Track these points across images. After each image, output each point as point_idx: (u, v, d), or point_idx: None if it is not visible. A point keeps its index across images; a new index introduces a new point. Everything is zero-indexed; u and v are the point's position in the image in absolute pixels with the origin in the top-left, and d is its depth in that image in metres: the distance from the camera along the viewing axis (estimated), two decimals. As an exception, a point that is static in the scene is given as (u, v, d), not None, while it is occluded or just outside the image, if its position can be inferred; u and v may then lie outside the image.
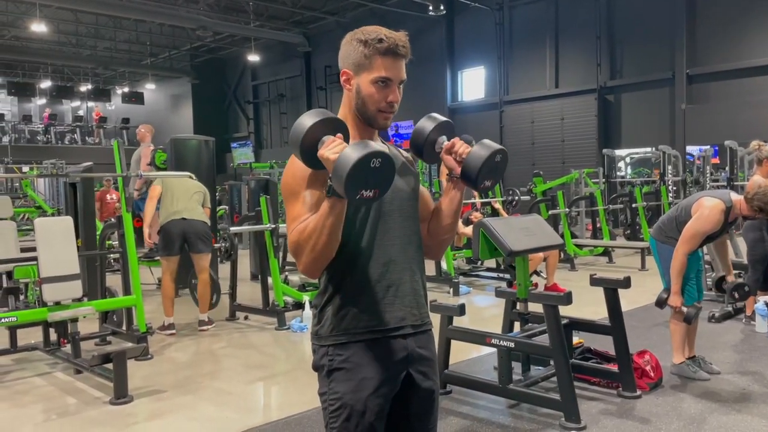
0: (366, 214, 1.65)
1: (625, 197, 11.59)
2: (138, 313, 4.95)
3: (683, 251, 3.89)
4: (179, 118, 27.83)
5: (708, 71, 15.08)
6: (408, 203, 1.74)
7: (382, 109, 1.66)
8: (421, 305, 1.75)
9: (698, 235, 3.87)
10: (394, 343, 1.66)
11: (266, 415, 3.73)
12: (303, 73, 24.50)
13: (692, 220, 3.90)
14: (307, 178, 1.61)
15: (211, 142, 8.15)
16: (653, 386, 3.88)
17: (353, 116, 1.70)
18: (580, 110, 17.13)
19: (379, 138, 1.80)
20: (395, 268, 1.67)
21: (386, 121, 1.69)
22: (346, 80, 1.69)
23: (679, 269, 3.90)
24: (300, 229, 1.57)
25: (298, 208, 1.61)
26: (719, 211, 3.84)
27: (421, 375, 1.72)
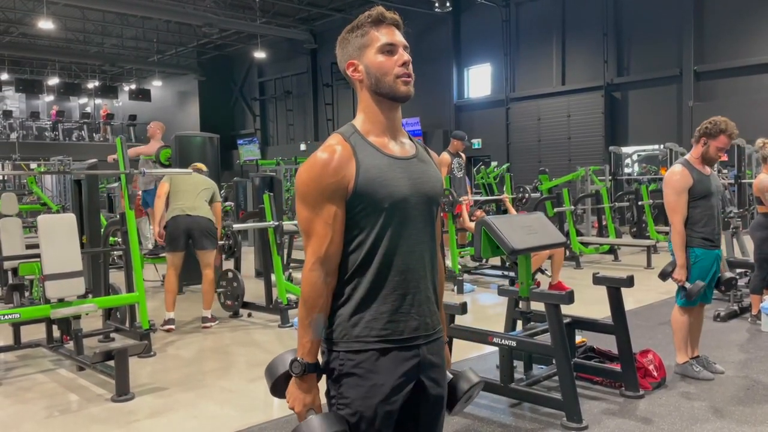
0: (389, 219, 1.59)
1: (631, 195, 11.52)
2: (141, 310, 4.96)
3: (675, 221, 3.95)
4: (186, 115, 27.91)
5: (716, 68, 14.98)
6: (429, 208, 1.69)
7: (398, 75, 1.63)
8: (434, 312, 1.71)
9: (675, 198, 3.94)
10: (406, 353, 1.63)
11: (267, 414, 3.73)
12: (309, 70, 24.51)
13: (665, 193, 4.04)
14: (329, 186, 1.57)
15: (216, 139, 8.16)
16: (656, 386, 3.85)
17: (374, 103, 1.65)
18: (586, 107, 17.06)
19: (405, 132, 1.74)
20: (413, 276, 1.63)
21: (408, 86, 1.64)
22: (354, 70, 1.66)
23: (679, 242, 3.93)
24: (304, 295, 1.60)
25: (317, 224, 1.59)
26: (676, 171, 3.98)
27: (432, 382, 1.69)
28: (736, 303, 5.80)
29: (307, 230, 1.61)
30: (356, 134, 1.64)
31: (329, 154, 1.58)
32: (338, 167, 1.57)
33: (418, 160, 1.70)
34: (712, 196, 4.01)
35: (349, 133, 1.65)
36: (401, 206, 1.61)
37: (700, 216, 3.97)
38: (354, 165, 1.58)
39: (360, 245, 1.60)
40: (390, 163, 1.62)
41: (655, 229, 10.84)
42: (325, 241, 1.58)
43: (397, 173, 1.62)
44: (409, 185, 1.63)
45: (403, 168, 1.65)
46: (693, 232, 3.97)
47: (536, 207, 9.56)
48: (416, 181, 1.65)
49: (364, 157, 1.60)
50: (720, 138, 3.93)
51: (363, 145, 1.62)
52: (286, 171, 16.77)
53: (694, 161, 4.04)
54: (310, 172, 1.59)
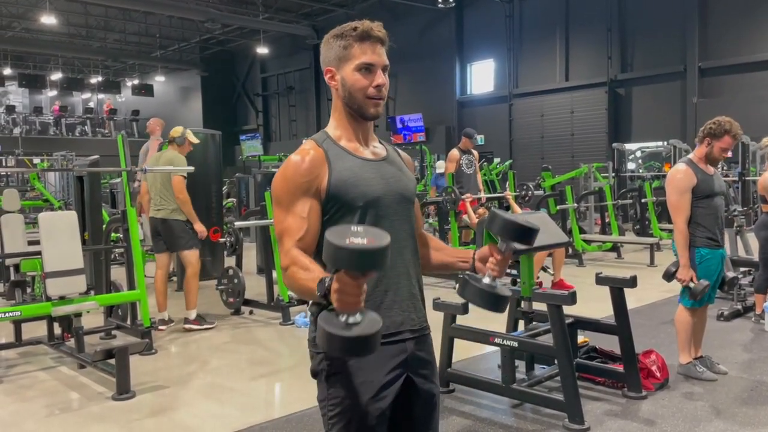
0: (363, 218, 1.63)
1: (634, 192, 11.48)
2: (142, 307, 4.95)
3: (678, 221, 3.92)
4: (188, 111, 27.89)
5: (720, 65, 14.91)
6: (404, 206, 1.72)
7: (369, 95, 1.65)
8: (419, 309, 1.73)
9: (677, 198, 3.91)
10: (392, 347, 1.64)
11: (268, 413, 3.72)
12: (312, 66, 24.45)
13: (667, 193, 4.02)
14: (302, 185, 1.60)
15: (217, 135, 8.14)
16: (659, 387, 3.83)
17: (345, 113, 1.70)
18: (590, 104, 17.00)
19: (375, 137, 1.78)
20: (392, 273, 1.65)
21: (377, 108, 1.67)
22: (331, 77, 1.69)
23: (682, 241, 3.90)
24: (290, 274, 1.53)
25: (290, 220, 1.59)
26: (680, 170, 3.96)
27: (421, 378, 1.70)
28: (739, 302, 5.77)
29: (281, 231, 1.61)
30: (328, 140, 1.69)
31: (302, 157, 1.63)
32: (311, 168, 1.61)
33: (389, 161, 1.75)
34: (716, 195, 3.99)
35: (321, 139, 1.70)
36: (375, 205, 1.64)
37: (704, 216, 3.94)
38: (326, 168, 1.63)
39: None
40: (362, 165, 1.67)
41: (658, 227, 10.81)
42: (300, 230, 1.59)
43: (370, 173, 1.66)
44: (382, 185, 1.67)
45: (375, 169, 1.69)
46: (697, 231, 3.94)
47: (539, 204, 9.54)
48: (389, 180, 1.69)
49: (336, 159, 1.65)
50: (724, 138, 3.90)
51: (335, 149, 1.67)
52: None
53: (697, 161, 4.01)
54: (283, 174, 1.63)
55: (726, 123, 3.89)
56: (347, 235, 1.31)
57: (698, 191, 3.92)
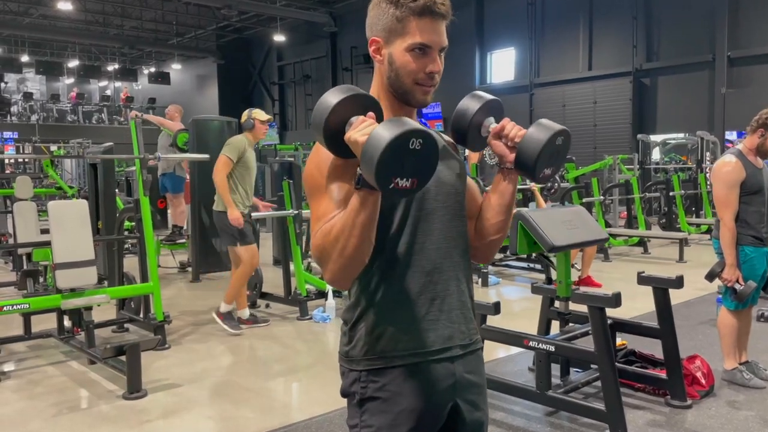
0: (405, 212, 1.38)
1: (661, 185, 11.13)
2: (155, 301, 4.77)
3: (726, 217, 3.64)
4: (204, 99, 27.76)
5: (751, 54, 14.40)
6: (454, 198, 1.47)
7: (420, 81, 1.40)
8: (469, 320, 1.48)
9: (725, 192, 3.64)
10: (439, 369, 1.40)
11: (286, 416, 3.51)
12: (329, 54, 24.17)
13: (714, 185, 3.73)
14: (335, 168, 1.34)
15: (233, 123, 7.94)
16: (704, 394, 3.57)
17: (386, 93, 1.44)
18: (613, 94, 16.56)
19: (417, 120, 1.53)
20: (440, 278, 1.41)
21: (426, 96, 1.42)
22: (376, 50, 1.43)
23: (729, 239, 3.62)
24: (325, 231, 1.29)
25: (324, 205, 1.34)
26: (729, 162, 3.68)
27: (469, 405, 1.46)
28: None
29: (316, 218, 1.34)
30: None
31: None
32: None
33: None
34: (764, 190, 3.70)
35: None
36: (421, 198, 1.39)
37: (750, 212, 3.67)
38: None
39: (380, 243, 1.37)
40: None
41: (686, 221, 10.47)
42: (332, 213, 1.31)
43: None
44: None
45: None
46: (742, 229, 3.67)
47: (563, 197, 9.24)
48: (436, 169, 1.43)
49: None
50: None
51: None
52: (305, 156, 16.54)
53: (747, 152, 3.73)
54: (316, 159, 1.38)
55: None
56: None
57: (747, 186, 3.64)
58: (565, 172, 11.10)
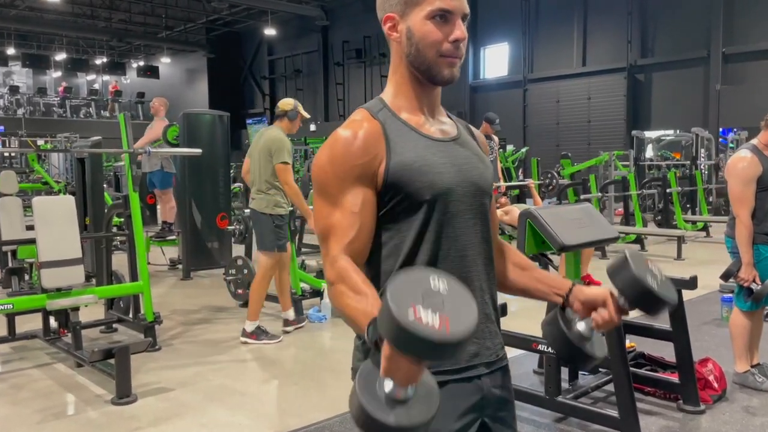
0: (427, 215, 1.24)
1: (658, 182, 11.05)
2: (145, 300, 4.60)
3: (742, 214, 3.51)
4: (194, 93, 27.49)
5: (745, 50, 14.39)
6: (480, 201, 1.33)
7: (444, 53, 1.26)
8: (495, 334, 1.34)
9: (741, 189, 3.51)
10: (465, 386, 1.26)
11: (283, 422, 3.35)
12: (320, 48, 23.98)
13: (729, 181, 3.60)
14: (352, 169, 1.22)
15: (225, 117, 7.75)
16: (717, 399, 3.45)
17: (408, 75, 1.31)
18: (608, 90, 16.51)
19: (443, 109, 1.38)
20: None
21: (452, 69, 1.28)
22: (392, 27, 1.29)
23: (746, 236, 3.49)
24: (337, 293, 1.17)
25: (337, 215, 1.22)
26: (744, 158, 3.56)
27: (498, 424, 1.32)
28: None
29: (326, 228, 1.23)
30: (386, 110, 1.30)
31: (353, 132, 1.24)
32: (365, 146, 1.23)
33: (460, 142, 1.36)
34: None
35: (377, 108, 1.30)
36: (445, 199, 1.26)
37: (765, 210, 3.54)
38: (384, 146, 1.24)
39: (396, 249, 1.25)
40: (429, 145, 1.29)
41: (683, 218, 10.40)
42: (351, 231, 1.21)
43: (439, 157, 1.28)
44: (453, 172, 1.29)
45: (445, 151, 1.30)
46: (757, 227, 3.54)
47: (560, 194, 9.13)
48: (462, 167, 1.31)
49: (397, 137, 1.26)
50: None
51: (394, 123, 1.28)
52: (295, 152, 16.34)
53: (762, 147, 3.60)
54: (330, 154, 1.24)
55: None
56: (415, 300, 0.92)
57: (762, 182, 3.52)
58: (561, 169, 11.01)
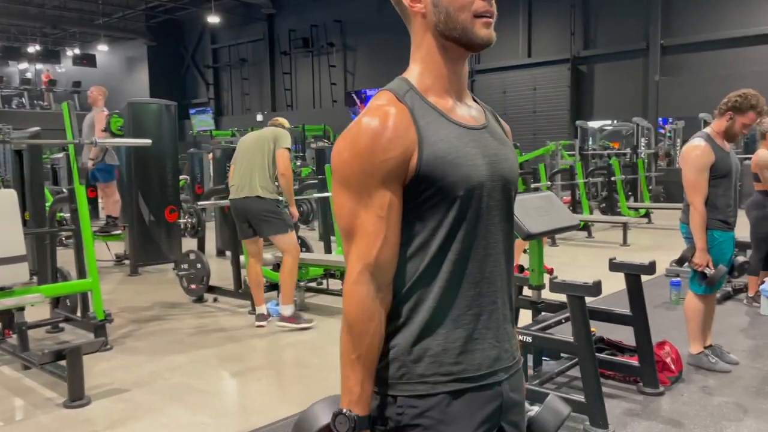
0: (461, 212, 1.16)
1: (602, 170, 11.34)
2: (95, 298, 4.40)
3: (696, 201, 3.58)
4: (134, 83, 26.59)
5: (682, 42, 14.86)
6: (507, 197, 1.25)
7: (479, 11, 1.17)
8: (512, 336, 1.29)
9: (695, 176, 3.58)
10: (485, 394, 1.20)
11: (247, 420, 3.26)
12: (266, 37, 23.55)
13: (683, 168, 3.66)
14: (383, 166, 1.12)
15: (173, 106, 7.50)
16: (674, 380, 3.55)
17: (436, 49, 1.21)
18: (552, 81, 16.79)
19: (470, 94, 1.30)
20: (489, 290, 1.20)
21: (489, 29, 1.19)
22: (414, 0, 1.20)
23: (700, 222, 3.57)
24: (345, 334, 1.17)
25: (365, 217, 1.13)
26: (698, 146, 3.62)
27: (512, 427, 1.27)
28: (728, 283, 5.58)
29: (350, 227, 1.15)
30: (412, 92, 1.20)
31: (381, 121, 1.13)
32: (394, 138, 1.12)
33: (489, 130, 1.27)
34: (732, 174, 3.70)
35: (403, 90, 1.20)
36: (478, 194, 1.17)
37: (718, 196, 3.65)
38: (415, 135, 1.14)
39: (422, 248, 1.16)
40: (461, 135, 1.19)
41: (626, 206, 10.71)
42: (376, 242, 1.13)
43: (471, 148, 1.19)
44: (485, 165, 1.20)
45: (477, 141, 1.21)
46: (710, 213, 3.64)
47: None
48: (492, 159, 1.22)
49: (428, 124, 1.16)
50: (749, 114, 3.59)
51: (423, 108, 1.18)
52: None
53: (715, 135, 3.70)
54: (356, 147, 1.13)
55: (753, 97, 3.58)
56: None
57: (716, 170, 3.62)
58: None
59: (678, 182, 3.85)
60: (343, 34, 21.39)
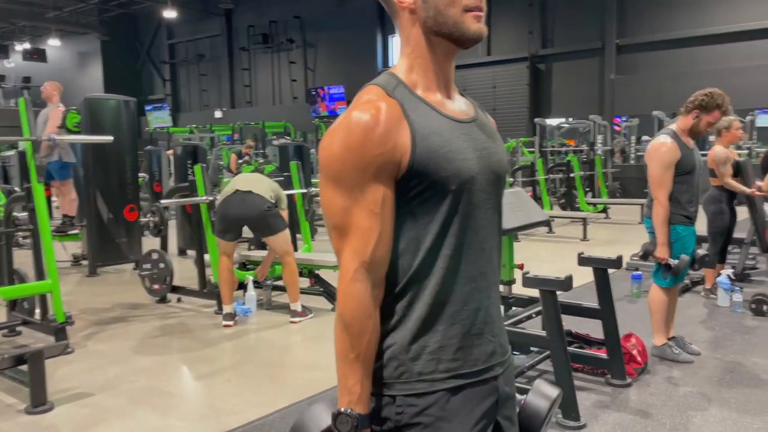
0: (453, 205, 1.15)
1: (561, 167, 11.54)
2: (54, 300, 4.27)
3: (660, 196, 3.66)
4: (88, 78, 25.91)
5: (637, 42, 15.27)
6: (497, 191, 1.25)
7: (469, 5, 1.16)
8: (503, 330, 1.30)
9: (661, 173, 3.65)
10: (482, 389, 1.20)
11: (219, 422, 3.20)
12: (224, 33, 23.23)
13: (649, 166, 3.73)
14: (376, 160, 1.10)
15: (132, 102, 7.31)
16: (640, 372, 3.63)
17: (424, 45, 1.20)
18: (512, 79, 17.04)
19: (456, 89, 1.28)
20: (483, 284, 1.20)
21: (480, 23, 1.18)
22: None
23: (662, 217, 3.65)
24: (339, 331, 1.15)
25: (358, 214, 1.11)
26: (664, 143, 3.68)
27: (508, 422, 1.28)
28: (686, 276, 5.74)
29: (343, 225, 1.13)
30: (401, 86, 1.18)
31: (373, 115, 1.11)
32: (386, 133, 1.10)
33: (479, 123, 1.27)
34: (696, 170, 3.80)
35: (392, 85, 1.18)
36: (470, 188, 1.17)
37: (682, 192, 3.74)
38: (407, 129, 1.13)
39: (416, 244, 1.15)
40: (452, 128, 1.19)
41: (585, 201, 10.92)
42: (371, 238, 1.12)
43: (462, 141, 1.18)
44: (476, 158, 1.19)
45: (468, 135, 1.21)
46: (674, 208, 3.73)
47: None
48: (482, 152, 1.22)
49: (419, 117, 1.15)
50: (714, 113, 3.67)
51: (414, 102, 1.17)
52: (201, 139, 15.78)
53: (680, 133, 3.78)
54: (347, 141, 1.11)
55: (719, 96, 3.66)
56: None
57: (680, 166, 3.70)
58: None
59: (633, 178, 3.93)
60: (303, 30, 21.25)
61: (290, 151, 9.57)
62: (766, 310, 4.78)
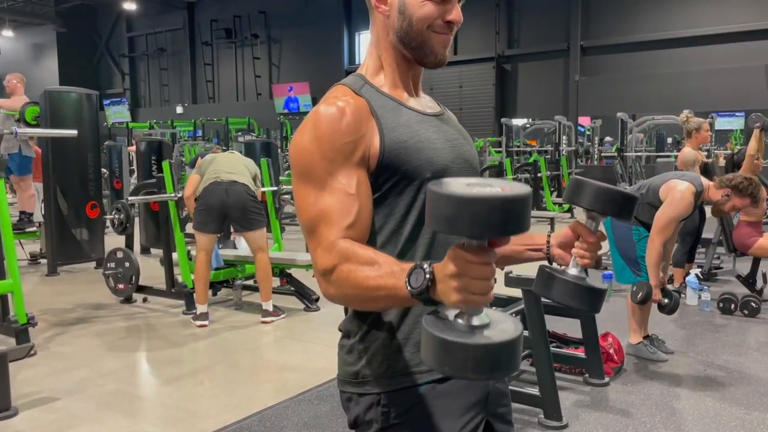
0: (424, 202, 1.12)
1: (528, 167, 11.65)
2: (16, 300, 4.08)
3: (659, 240, 3.58)
4: (42, 71, 25.08)
5: (601, 44, 15.52)
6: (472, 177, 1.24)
7: (437, 28, 1.16)
8: None
9: (673, 221, 3.60)
10: (471, 382, 1.17)
11: (194, 426, 3.10)
12: (186, 26, 22.79)
13: (665, 206, 3.61)
14: (344, 147, 1.09)
15: (94, 96, 7.08)
16: (617, 370, 3.66)
17: (392, 51, 1.20)
18: (478, 79, 17.14)
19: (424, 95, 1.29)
20: None
21: (445, 47, 1.18)
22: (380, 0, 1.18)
23: (656, 260, 3.58)
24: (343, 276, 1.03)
25: (328, 199, 1.08)
26: (691, 194, 3.58)
27: (500, 420, 1.25)
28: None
29: (315, 216, 1.09)
30: (368, 86, 1.19)
31: (339, 108, 1.12)
32: (354, 123, 1.11)
33: (445, 119, 1.29)
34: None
35: (358, 85, 1.19)
36: (444, 177, 1.13)
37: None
38: (374, 124, 1.13)
39: (393, 236, 1.15)
40: (420, 120, 1.20)
41: (552, 201, 11.06)
42: (347, 215, 1.07)
43: (432, 132, 1.20)
44: (448, 148, 1.21)
45: (437, 126, 1.22)
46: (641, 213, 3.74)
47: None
48: (453, 143, 1.24)
49: (386, 113, 1.16)
50: (745, 200, 3.63)
51: (381, 99, 1.17)
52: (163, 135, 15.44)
53: (704, 194, 3.67)
54: (315, 132, 1.10)
55: (756, 186, 3.60)
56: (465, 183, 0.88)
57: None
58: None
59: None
60: (268, 25, 21.00)
61: (257, 148, 9.42)
62: (734, 308, 4.88)
